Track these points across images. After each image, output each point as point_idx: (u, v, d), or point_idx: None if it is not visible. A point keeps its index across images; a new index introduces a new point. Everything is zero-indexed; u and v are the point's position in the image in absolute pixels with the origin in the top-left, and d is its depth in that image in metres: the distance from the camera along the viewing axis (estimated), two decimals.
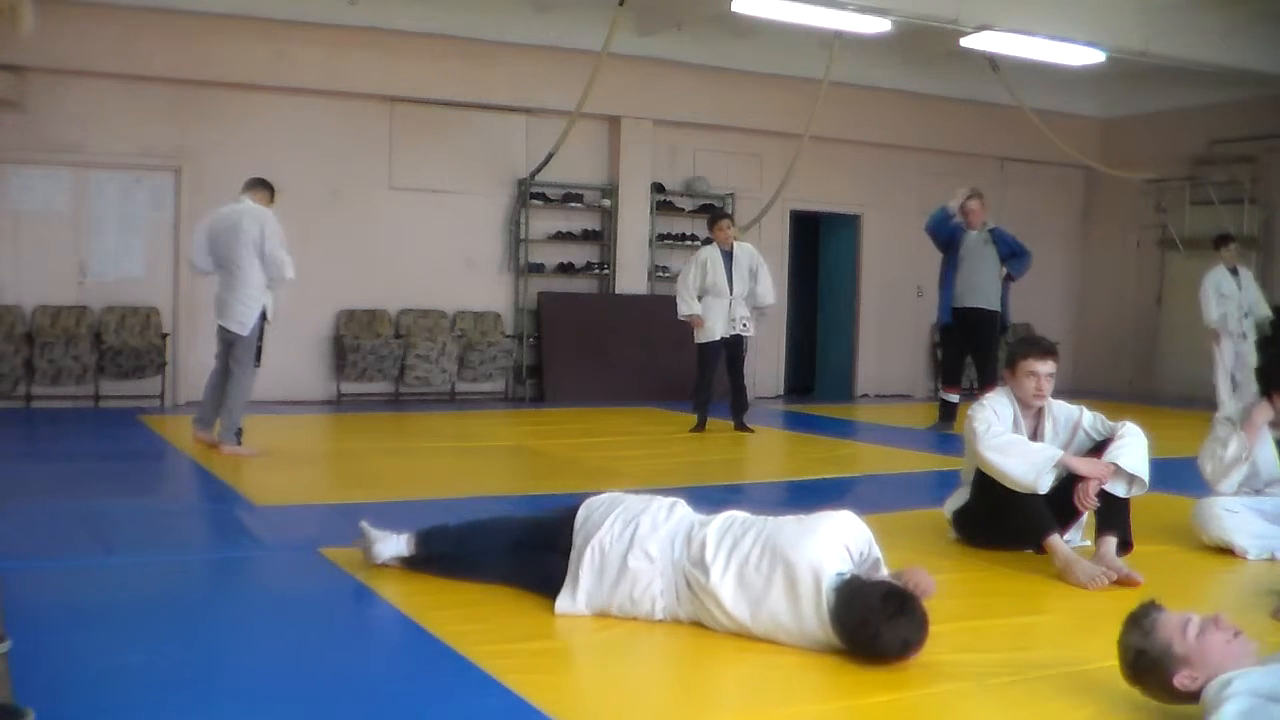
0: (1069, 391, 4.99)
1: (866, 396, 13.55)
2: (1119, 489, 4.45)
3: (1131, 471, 4.42)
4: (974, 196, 9.50)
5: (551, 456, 7.82)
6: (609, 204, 12.13)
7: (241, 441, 7.26)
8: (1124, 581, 4.23)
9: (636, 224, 12.22)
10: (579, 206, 12.06)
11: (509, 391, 11.83)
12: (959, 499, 4.92)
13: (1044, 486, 4.42)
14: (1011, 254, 9.49)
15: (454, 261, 11.50)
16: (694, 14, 11.12)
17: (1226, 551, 4.80)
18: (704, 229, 11.31)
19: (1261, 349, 11.05)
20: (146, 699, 2.90)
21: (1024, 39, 10.00)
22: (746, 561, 3.44)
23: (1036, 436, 4.67)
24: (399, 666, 3.29)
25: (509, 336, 11.67)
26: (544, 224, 11.93)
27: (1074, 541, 4.65)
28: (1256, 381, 5.15)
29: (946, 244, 9.58)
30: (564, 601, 3.66)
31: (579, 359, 11.78)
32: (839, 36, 10.08)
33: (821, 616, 3.27)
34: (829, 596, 3.28)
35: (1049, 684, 3.12)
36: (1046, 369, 4.65)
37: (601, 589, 3.63)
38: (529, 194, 11.63)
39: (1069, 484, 4.44)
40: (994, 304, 9.47)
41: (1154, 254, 13.99)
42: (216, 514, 5.57)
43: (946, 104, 13.20)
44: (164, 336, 10.23)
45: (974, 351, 9.75)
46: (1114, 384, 13.85)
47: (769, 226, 12.40)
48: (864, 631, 3.19)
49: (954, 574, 4.28)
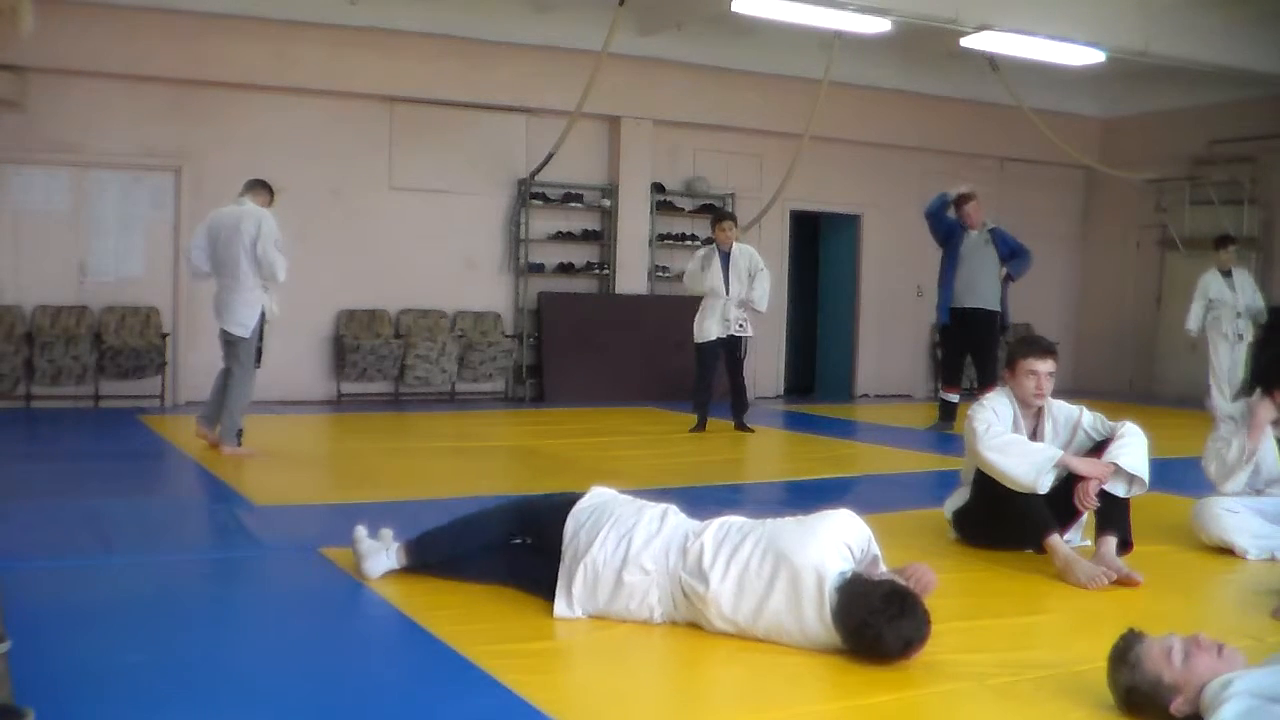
0: (1069, 391, 5.00)
1: (866, 396, 13.55)
2: (1119, 489, 4.46)
3: (1131, 471, 4.42)
4: (970, 199, 9.50)
5: (551, 456, 7.82)
6: (609, 204, 12.12)
7: (242, 442, 7.26)
8: (1124, 581, 4.23)
9: (636, 224, 12.22)
10: (579, 206, 12.06)
11: (509, 391, 11.83)
12: (959, 499, 4.92)
13: (1044, 486, 4.42)
14: (1011, 254, 9.50)
15: (454, 261, 11.50)
16: (694, 14, 11.12)
17: (1226, 551, 4.80)
18: (704, 229, 11.32)
19: (1261, 349, 11.06)
20: (146, 699, 2.90)
21: (1024, 39, 9.99)
22: (746, 567, 3.42)
23: (1036, 436, 4.67)
24: (399, 666, 3.29)
25: (509, 336, 11.67)
26: (544, 224, 11.93)
27: (1074, 541, 4.65)
28: (1256, 381, 5.15)
29: (944, 238, 9.59)
30: (560, 608, 3.65)
31: (579, 359, 11.78)
32: (839, 36, 10.08)
33: (824, 617, 3.27)
34: (831, 596, 3.27)
35: (1049, 684, 3.12)
36: (1046, 368, 4.65)
37: (596, 601, 3.62)
38: (529, 194, 11.63)
39: (1069, 484, 4.45)
40: (993, 304, 9.47)
41: (1154, 254, 13.99)
42: (216, 514, 5.57)
43: (946, 104, 13.20)
44: (164, 336, 10.23)
45: (974, 352, 9.76)
46: (1114, 384, 13.86)
47: (769, 226, 12.40)
48: (866, 632, 3.19)
49: (954, 574, 4.28)
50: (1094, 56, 10.54)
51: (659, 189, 12.37)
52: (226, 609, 3.91)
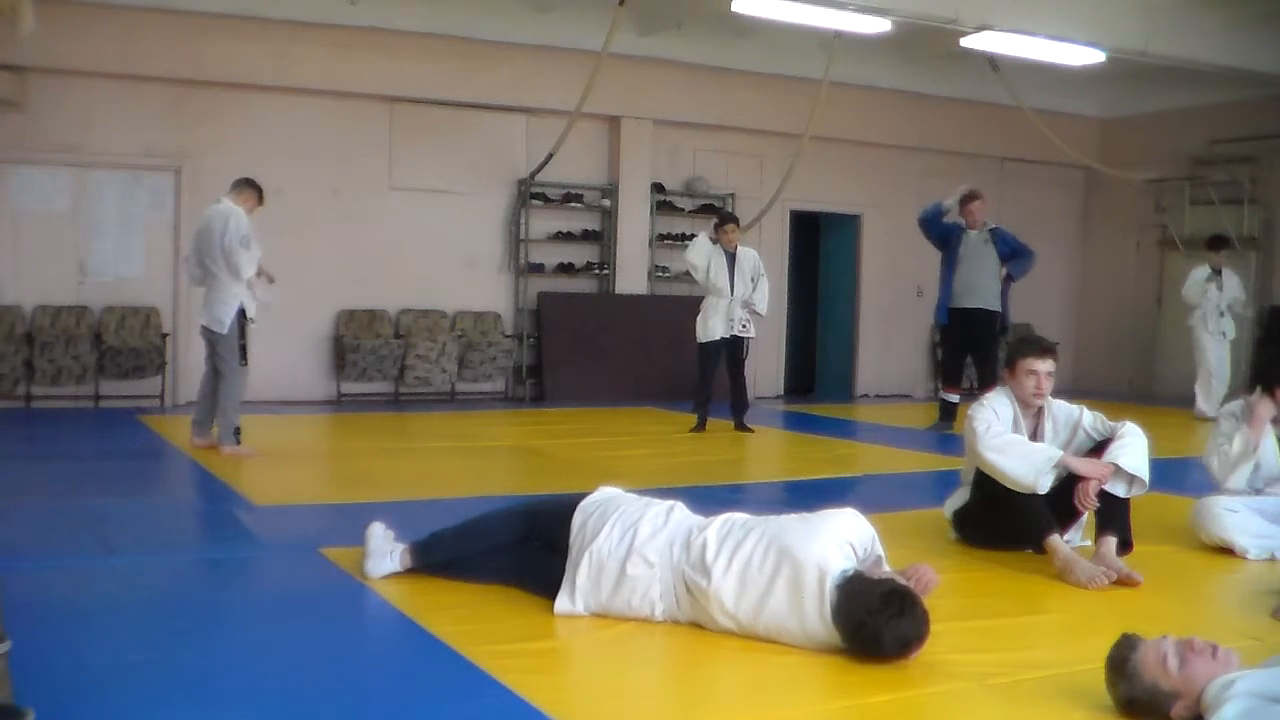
0: (1069, 391, 5.00)
1: (866, 396, 13.55)
2: (1119, 489, 4.46)
3: (1132, 471, 4.42)
4: (975, 197, 9.50)
5: (551, 456, 7.82)
6: (609, 204, 12.12)
7: (240, 441, 7.26)
8: (1124, 581, 4.23)
9: (636, 224, 12.22)
10: (579, 206, 12.05)
11: (509, 391, 11.82)
12: (959, 499, 4.92)
13: (1044, 486, 4.42)
14: (1012, 254, 9.49)
15: (454, 261, 11.49)
16: (694, 14, 11.12)
17: (1226, 551, 4.80)
18: (705, 229, 11.30)
19: (1261, 347, 11.07)
20: (146, 699, 2.90)
21: (1024, 39, 9.99)
22: (749, 563, 3.43)
23: (1036, 436, 4.67)
24: (399, 666, 3.29)
25: (509, 336, 11.67)
26: (544, 224, 11.93)
27: (1074, 541, 4.65)
28: (1257, 379, 5.16)
29: (941, 242, 9.59)
30: (563, 602, 3.65)
31: (579, 359, 11.78)
32: (839, 36, 10.07)
33: (824, 615, 3.27)
34: (832, 595, 3.27)
35: (1049, 684, 3.12)
36: (1046, 368, 4.65)
37: (599, 594, 3.63)
38: (529, 194, 11.63)
39: (1069, 484, 4.45)
40: (993, 304, 9.46)
41: (1154, 254, 13.99)
42: (216, 514, 5.57)
43: (946, 104, 13.20)
44: (164, 336, 10.23)
45: (974, 352, 9.75)
46: (1114, 384, 13.85)
47: (769, 226, 12.40)
48: (865, 631, 3.19)
49: (954, 574, 4.27)
50: (1094, 56, 10.54)
51: (659, 189, 12.37)
52: (226, 609, 3.91)
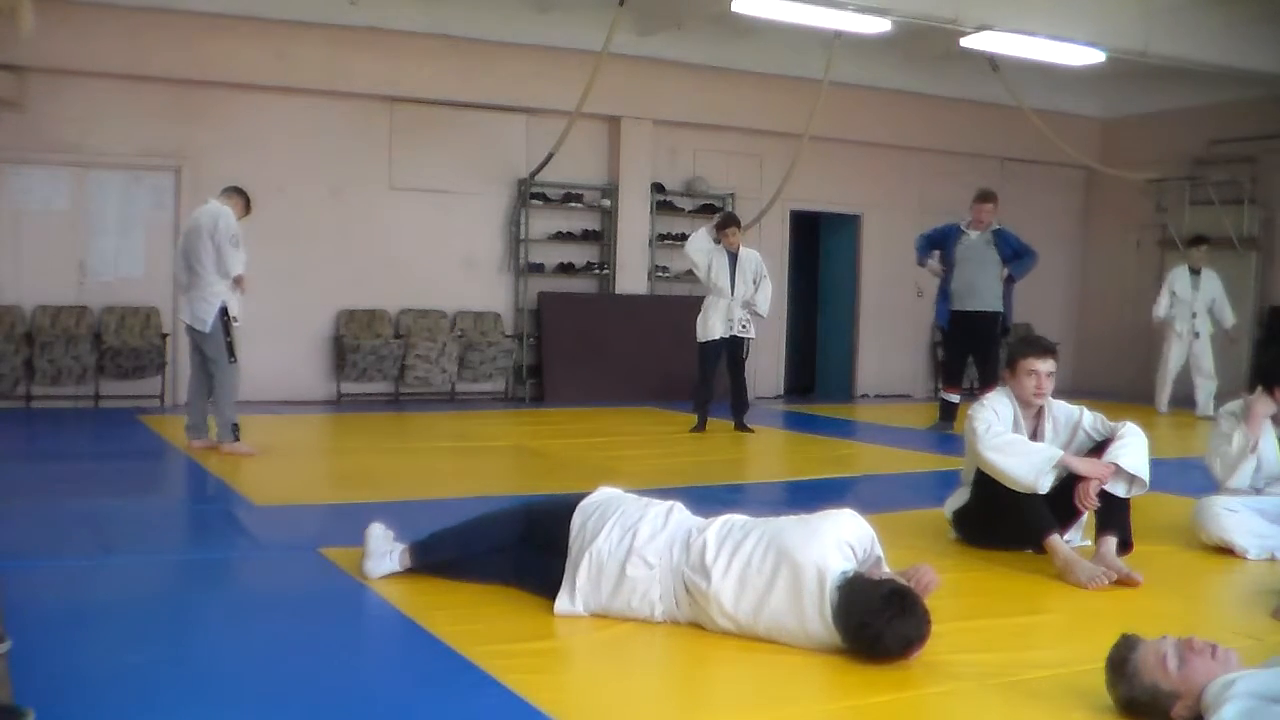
0: (1069, 391, 5.00)
1: (866, 396, 13.55)
2: (1119, 489, 4.46)
3: (1132, 471, 4.42)
4: (989, 199, 9.50)
5: (551, 456, 7.82)
6: (609, 204, 12.12)
7: (239, 438, 7.26)
8: (1124, 581, 4.23)
9: (636, 224, 12.22)
10: (579, 206, 12.05)
11: (509, 391, 11.82)
12: (959, 499, 4.92)
13: (1044, 486, 4.42)
14: (1015, 255, 9.47)
15: (454, 261, 11.50)
16: (694, 14, 11.12)
17: (1226, 551, 4.80)
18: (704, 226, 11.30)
19: (1261, 348, 11.08)
20: (146, 699, 2.90)
21: (1024, 39, 9.99)
22: (749, 563, 3.43)
23: (1036, 436, 4.67)
24: (399, 666, 3.29)
25: (509, 336, 11.67)
26: (544, 224, 11.93)
27: (1074, 541, 4.65)
28: (1257, 378, 5.17)
29: (937, 248, 9.63)
30: (562, 603, 3.65)
31: (579, 359, 11.78)
32: (839, 36, 10.07)
33: (824, 616, 3.27)
34: (832, 595, 3.27)
35: (1049, 684, 3.12)
36: (1046, 368, 4.66)
37: (599, 595, 3.63)
38: (529, 194, 11.63)
39: (1069, 484, 4.44)
40: (994, 306, 9.45)
41: (1154, 254, 13.98)
42: (216, 514, 5.57)
43: (946, 104, 13.20)
44: (164, 336, 10.22)
45: (975, 353, 9.74)
46: (1114, 384, 13.85)
47: (769, 226, 12.40)
48: (866, 632, 3.19)
49: (954, 574, 4.27)
50: (1094, 56, 10.54)
51: (659, 189, 12.37)
52: (226, 609, 3.90)
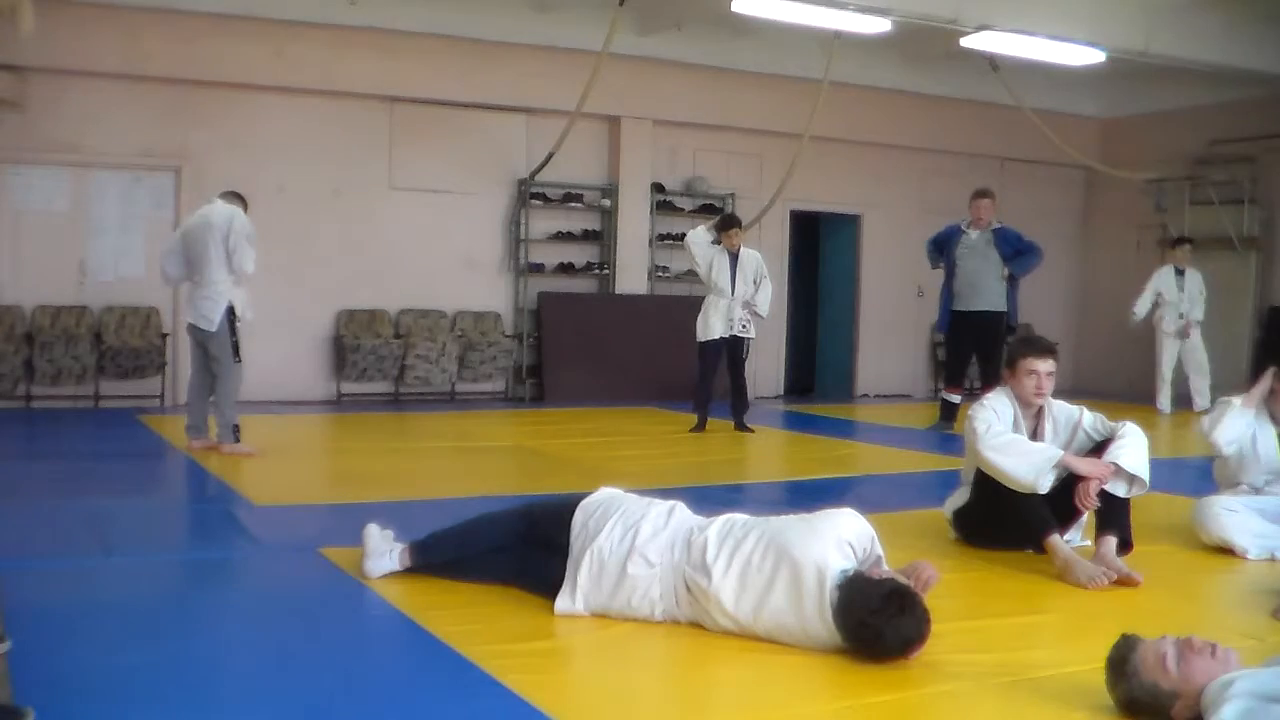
0: (1069, 391, 5.01)
1: (866, 396, 13.55)
2: (1119, 489, 4.45)
3: (1132, 471, 4.42)
4: (984, 195, 9.50)
5: (551, 456, 7.82)
6: (609, 204, 12.12)
7: (239, 438, 7.26)
8: (1124, 581, 4.23)
9: (636, 224, 12.22)
10: (579, 206, 12.05)
11: (509, 391, 11.82)
12: (959, 499, 4.92)
13: (1044, 486, 4.42)
14: (1016, 252, 9.44)
15: (454, 261, 11.50)
16: (694, 14, 11.12)
17: (1226, 551, 4.80)
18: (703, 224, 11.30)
19: (1261, 348, 11.10)
20: (146, 699, 2.90)
21: (1024, 39, 9.99)
22: (749, 562, 3.43)
23: (1037, 436, 4.67)
24: (399, 666, 3.29)
25: (509, 336, 11.66)
26: (544, 224, 11.93)
27: (1074, 541, 4.65)
28: (1270, 359, 5.28)
29: (940, 250, 9.64)
30: (563, 602, 3.65)
31: (579, 359, 11.78)
32: (839, 36, 10.07)
33: (824, 615, 3.27)
34: (832, 595, 3.28)
35: (1049, 684, 3.12)
36: (1046, 368, 4.66)
37: (600, 593, 3.63)
38: (529, 194, 11.63)
39: (1069, 484, 4.44)
40: (997, 305, 9.41)
41: (1154, 254, 13.96)
42: (216, 514, 5.57)
43: (946, 104, 13.20)
44: (164, 336, 10.22)
45: (978, 352, 9.71)
46: (1114, 384, 13.85)
47: (769, 226, 12.40)
48: (866, 631, 3.19)
49: (954, 574, 4.27)
50: (1094, 56, 10.54)
51: (659, 189, 12.37)
52: (226, 609, 3.90)
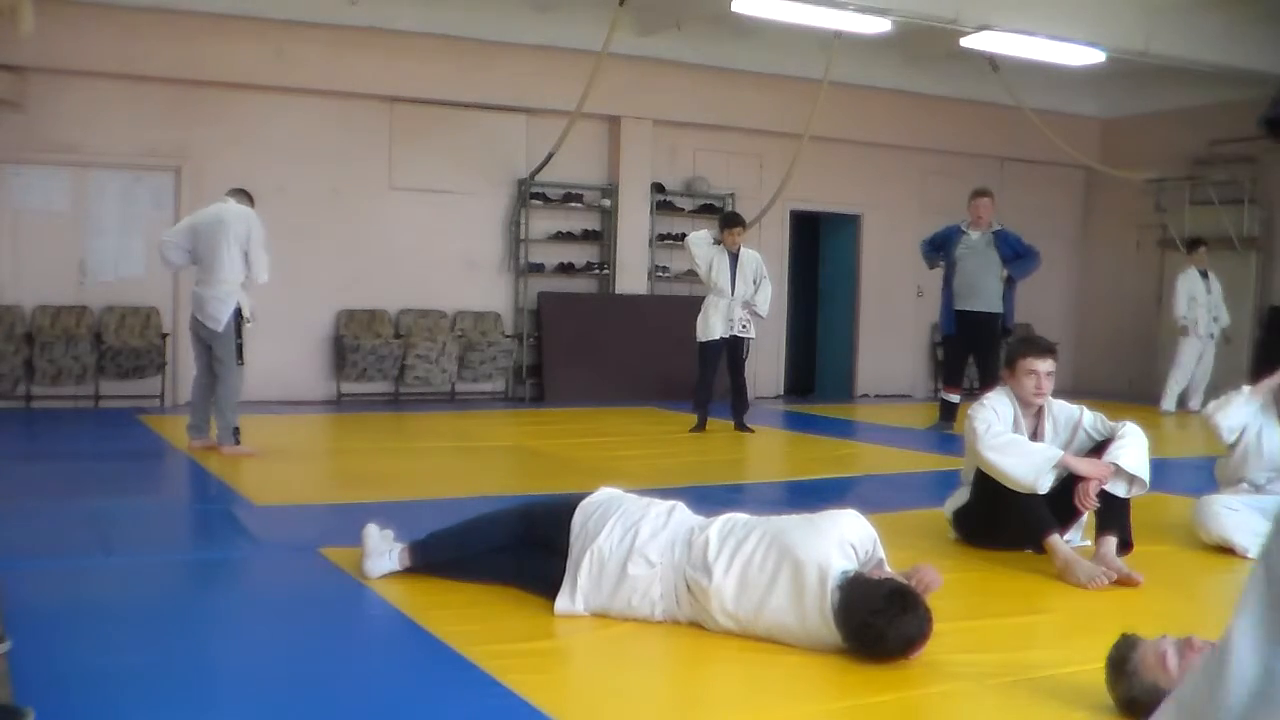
0: (1069, 391, 5.01)
1: (866, 396, 13.55)
2: (1119, 489, 4.45)
3: (1132, 472, 4.42)
4: (983, 194, 9.50)
5: (551, 456, 7.82)
6: (609, 204, 12.12)
7: (240, 440, 7.26)
8: (1124, 581, 4.23)
9: (636, 224, 12.22)
10: (579, 206, 12.05)
11: (509, 391, 11.82)
12: (959, 499, 4.92)
13: (1044, 486, 4.42)
14: (1015, 255, 9.46)
15: (454, 261, 11.50)
16: (694, 14, 11.12)
17: (1227, 551, 4.80)
18: (704, 229, 11.31)
19: (1261, 348, 11.12)
20: (146, 699, 2.90)
21: (1024, 39, 9.99)
22: (750, 561, 3.43)
23: (1036, 436, 4.67)
24: (399, 666, 3.29)
25: (509, 336, 11.67)
26: (544, 224, 11.93)
27: (1074, 541, 4.65)
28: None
29: (939, 251, 9.64)
30: (563, 602, 3.65)
31: (579, 359, 11.78)
32: (839, 36, 10.07)
33: (825, 615, 3.27)
34: (833, 595, 3.27)
35: (1049, 684, 3.12)
36: (1046, 367, 4.66)
37: (600, 594, 3.63)
38: (529, 194, 11.63)
39: (1069, 484, 4.45)
40: (994, 306, 9.44)
41: (1154, 254, 13.98)
42: (216, 514, 5.56)
43: (946, 104, 13.20)
44: (164, 336, 10.22)
45: (975, 353, 9.74)
46: (1114, 384, 13.85)
47: (769, 226, 12.40)
48: (868, 631, 3.19)
49: (954, 574, 4.26)
50: (1094, 56, 10.54)
51: (659, 189, 12.37)
52: (226, 609, 3.91)
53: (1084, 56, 10.55)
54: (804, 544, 3.38)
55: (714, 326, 9.06)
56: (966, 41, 10.06)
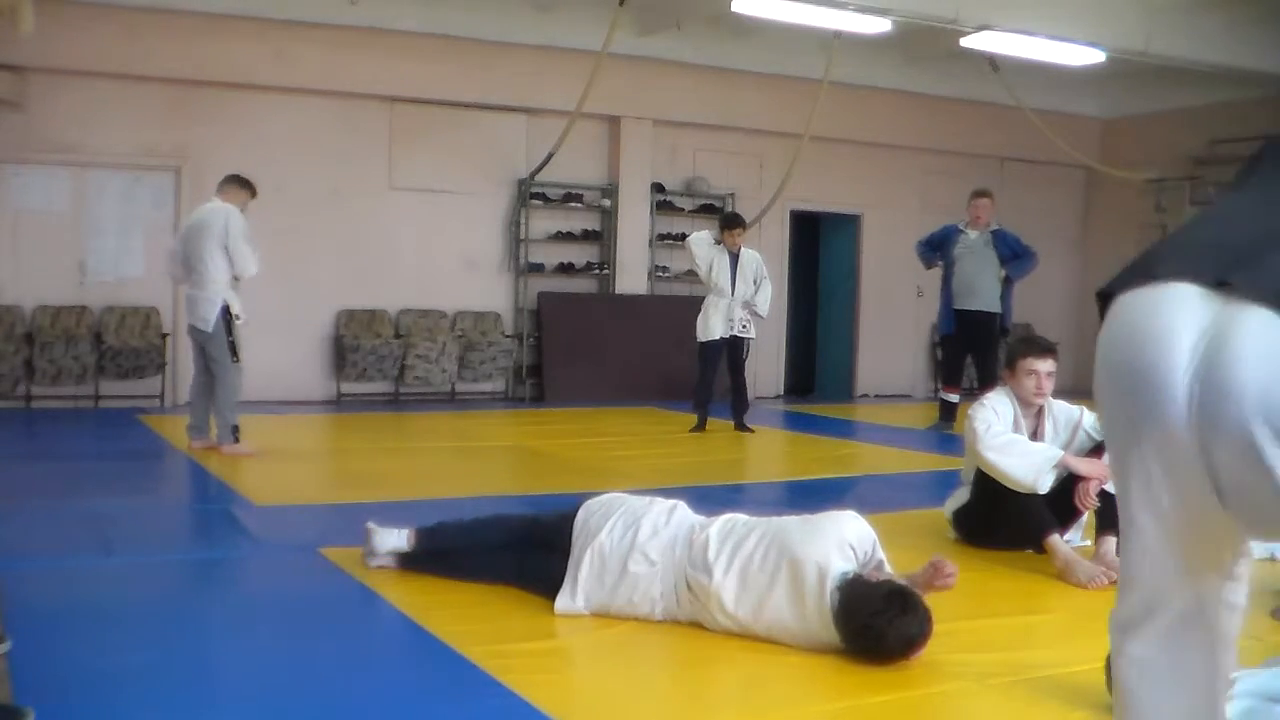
0: (1069, 391, 4.99)
1: (866, 396, 13.55)
2: None
3: None
4: (983, 194, 9.50)
5: (551, 456, 7.82)
6: (609, 204, 12.12)
7: (239, 439, 7.26)
8: None
9: (636, 224, 12.22)
10: (579, 206, 12.05)
11: (509, 391, 11.82)
12: (959, 499, 4.92)
13: (1044, 486, 4.42)
14: (1013, 255, 9.47)
15: (454, 261, 11.49)
16: (694, 14, 11.12)
17: None
18: (704, 229, 11.31)
19: None
20: (146, 699, 2.90)
21: (1024, 39, 9.99)
22: (750, 561, 3.44)
23: (1037, 436, 4.68)
24: (399, 666, 3.29)
25: (509, 336, 11.66)
26: (544, 224, 11.93)
27: (1074, 541, 4.65)
28: None
29: (937, 251, 9.65)
30: (563, 600, 3.66)
31: (579, 359, 11.78)
32: (839, 36, 10.07)
33: (824, 616, 3.27)
34: (832, 596, 3.28)
35: (1049, 684, 3.12)
36: (1046, 367, 4.66)
37: (601, 591, 3.63)
38: (529, 194, 11.63)
39: (1069, 484, 4.45)
40: (993, 306, 9.45)
41: None
42: (216, 514, 5.57)
43: (946, 104, 13.20)
44: (164, 336, 10.22)
45: (974, 353, 9.75)
46: None
47: (769, 226, 12.40)
48: (868, 632, 3.19)
49: None
50: (1094, 56, 10.54)
51: (659, 189, 12.37)
52: (226, 609, 3.91)
53: (1084, 56, 10.55)
54: (803, 544, 3.39)
55: (714, 326, 9.06)
56: (966, 41, 10.06)
